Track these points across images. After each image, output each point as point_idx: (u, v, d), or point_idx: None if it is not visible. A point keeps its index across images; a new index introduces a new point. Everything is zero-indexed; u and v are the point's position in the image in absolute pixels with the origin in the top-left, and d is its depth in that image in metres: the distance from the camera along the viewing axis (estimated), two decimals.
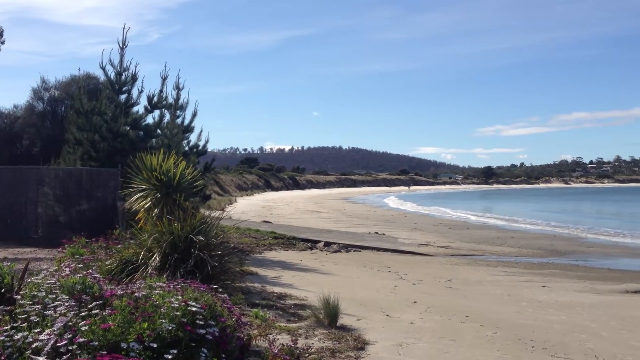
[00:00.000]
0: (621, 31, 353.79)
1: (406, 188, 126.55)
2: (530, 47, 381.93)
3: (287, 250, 17.00)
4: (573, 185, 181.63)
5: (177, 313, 4.06)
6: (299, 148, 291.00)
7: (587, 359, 6.68)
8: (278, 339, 5.65)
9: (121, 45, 14.65)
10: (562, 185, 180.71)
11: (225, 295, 5.25)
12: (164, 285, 4.86)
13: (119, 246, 7.65)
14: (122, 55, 14.76)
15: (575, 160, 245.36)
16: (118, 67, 14.78)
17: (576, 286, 12.48)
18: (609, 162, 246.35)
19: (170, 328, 3.91)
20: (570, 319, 8.97)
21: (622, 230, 28.12)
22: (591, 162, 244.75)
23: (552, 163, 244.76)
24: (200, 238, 6.51)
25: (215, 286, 5.52)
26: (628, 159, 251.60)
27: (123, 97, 15.05)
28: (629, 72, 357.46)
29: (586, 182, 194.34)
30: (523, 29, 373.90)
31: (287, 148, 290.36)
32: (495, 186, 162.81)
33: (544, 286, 12.31)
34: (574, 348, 7.12)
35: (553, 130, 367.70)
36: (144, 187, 7.82)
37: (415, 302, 9.78)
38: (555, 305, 10.21)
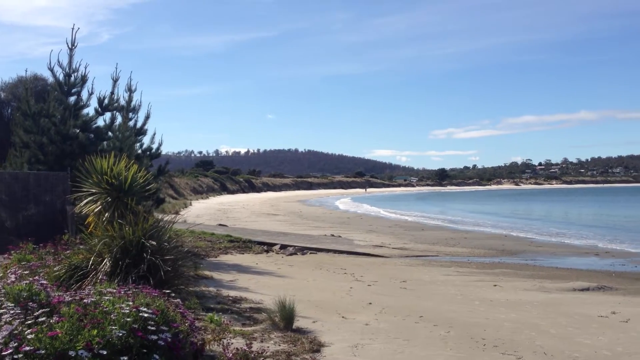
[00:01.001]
0: (567, 36, 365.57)
1: (362, 190, 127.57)
2: (481, 52, 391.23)
3: (243, 253, 16.89)
4: (523, 186, 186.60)
5: (128, 319, 3.98)
6: (255, 151, 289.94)
7: (536, 356, 6.86)
8: (232, 343, 5.60)
9: (70, 46, 14.27)
10: (513, 186, 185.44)
11: (179, 300, 5.18)
12: (115, 291, 4.75)
13: (67, 252, 7.44)
14: (71, 56, 14.37)
15: (525, 162, 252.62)
16: (67, 69, 14.38)
17: (526, 285, 12.82)
18: (556, 164, 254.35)
19: (120, 335, 3.82)
20: (520, 317, 9.19)
21: (569, 231, 29.02)
22: (540, 164, 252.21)
23: (503, 165, 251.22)
24: (153, 242, 6.40)
25: (169, 291, 5.44)
26: (575, 161, 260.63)
27: (72, 99, 14.65)
28: (574, 76, 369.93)
29: (535, 183, 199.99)
30: (475, 33, 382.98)
31: (243, 151, 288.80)
32: (449, 188, 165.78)
33: (495, 285, 12.60)
34: (524, 345, 7.30)
35: (503, 133, 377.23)
36: (94, 190, 7.63)
37: (370, 303, 9.85)
38: (506, 303, 10.45)
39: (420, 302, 10.32)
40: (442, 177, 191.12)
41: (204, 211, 40.38)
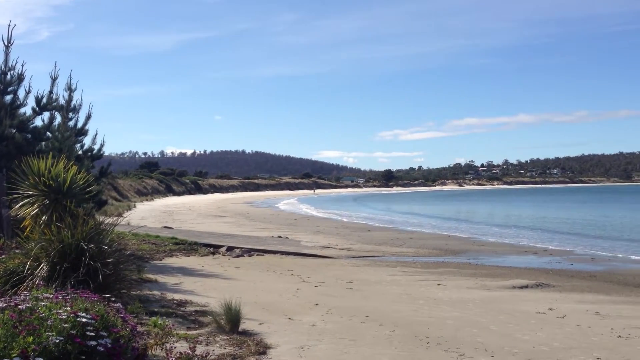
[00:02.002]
0: (507, 42, 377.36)
1: (310, 191, 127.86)
2: (425, 55, 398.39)
3: (189, 256, 16.64)
4: (466, 187, 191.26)
5: (66, 325, 3.86)
6: (202, 152, 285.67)
7: (478, 352, 7.04)
8: (176, 347, 5.51)
9: (6, 43, 13.71)
10: (456, 187, 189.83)
11: (120, 304, 5.05)
12: (52, 296, 4.59)
13: (2, 256, 7.14)
14: (7, 54, 13.81)
15: (468, 163, 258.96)
16: (3, 67, 13.83)
17: (468, 283, 13.13)
18: (498, 165, 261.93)
19: (57, 341, 3.70)
20: (462, 315, 9.41)
21: (509, 230, 29.92)
22: (482, 165, 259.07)
23: (447, 166, 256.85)
24: (92, 246, 6.22)
25: (109, 295, 5.30)
26: (515, 162, 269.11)
27: (8, 97, 14.09)
28: (513, 80, 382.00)
29: (478, 184, 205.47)
30: (419, 37, 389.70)
31: (189, 152, 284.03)
32: (395, 189, 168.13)
33: (439, 284, 12.85)
34: (466, 342, 7.48)
35: (447, 134, 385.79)
36: (30, 193, 7.35)
37: (317, 304, 9.88)
38: (450, 302, 10.68)
39: (366, 302, 10.42)
40: (388, 178, 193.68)
41: (149, 213, 39.58)
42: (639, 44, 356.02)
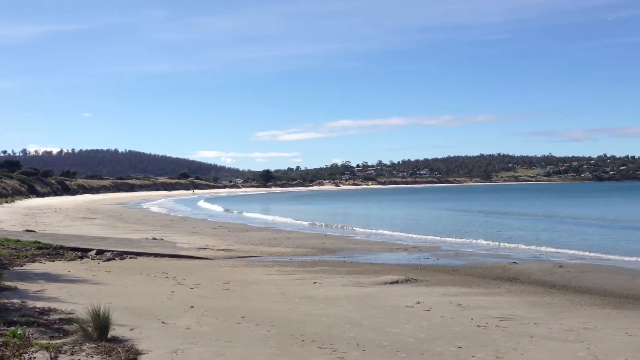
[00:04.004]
0: (382, 47, 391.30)
1: (188, 192, 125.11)
2: (302, 57, 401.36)
3: (54, 261, 15.62)
4: (342, 187, 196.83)
5: None
6: (69, 151, 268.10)
7: (350, 347, 7.29)
8: (35, 358, 5.17)
9: None
10: (333, 187, 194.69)
11: None
12: None
13: None
14: None
15: (344, 164, 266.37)
16: None
17: (343, 281, 13.52)
18: (372, 166, 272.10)
19: None
20: (337, 312, 9.69)
21: (382, 229, 31.17)
22: (358, 166, 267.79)
23: (324, 167, 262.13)
24: None
25: None
26: (388, 163, 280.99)
27: None
28: (385, 84, 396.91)
29: (353, 184, 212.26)
30: (296, 39, 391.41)
31: (55, 151, 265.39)
32: (274, 189, 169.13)
33: (315, 283, 13.12)
34: (339, 338, 7.72)
35: (324, 135, 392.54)
36: None
37: (192, 306, 9.70)
38: (325, 300, 10.94)
39: (243, 302, 10.39)
40: (267, 178, 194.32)
41: (9, 216, 36.65)
42: (495, 54, 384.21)
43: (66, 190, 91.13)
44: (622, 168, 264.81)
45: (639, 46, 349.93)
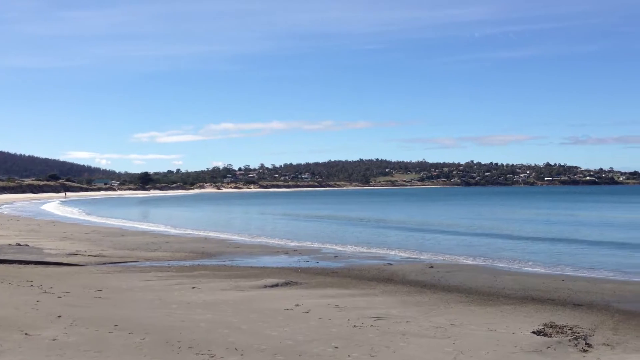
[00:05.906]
0: (262, 51, 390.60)
1: (60, 195, 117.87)
2: (182, 58, 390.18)
3: None
4: (224, 190, 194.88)
5: None
6: None
7: (228, 352, 7.22)
8: None
9: None
10: (215, 190, 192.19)
11: None
12: None
13: None
14: None
15: (226, 167, 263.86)
16: None
17: (223, 285, 13.36)
18: (254, 169, 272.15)
19: None
20: (215, 317, 9.55)
21: (263, 232, 31.22)
22: (240, 169, 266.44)
23: (205, 169, 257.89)
24: None
25: None
26: (270, 167, 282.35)
27: None
28: (266, 88, 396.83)
29: (235, 187, 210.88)
30: (174, 39, 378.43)
31: None
32: (152, 192, 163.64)
33: (193, 287, 12.85)
34: (218, 343, 7.62)
35: (206, 138, 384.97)
36: None
37: (59, 316, 9.13)
38: (203, 305, 10.75)
39: (116, 310, 9.94)
40: (145, 181, 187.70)
41: None
42: (368, 63, 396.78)
43: None
44: (487, 174, 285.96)
45: (502, 61, 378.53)
